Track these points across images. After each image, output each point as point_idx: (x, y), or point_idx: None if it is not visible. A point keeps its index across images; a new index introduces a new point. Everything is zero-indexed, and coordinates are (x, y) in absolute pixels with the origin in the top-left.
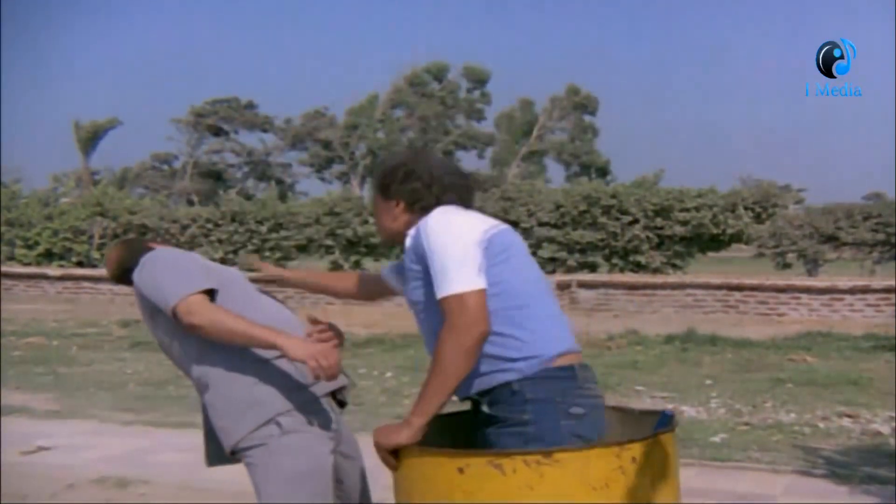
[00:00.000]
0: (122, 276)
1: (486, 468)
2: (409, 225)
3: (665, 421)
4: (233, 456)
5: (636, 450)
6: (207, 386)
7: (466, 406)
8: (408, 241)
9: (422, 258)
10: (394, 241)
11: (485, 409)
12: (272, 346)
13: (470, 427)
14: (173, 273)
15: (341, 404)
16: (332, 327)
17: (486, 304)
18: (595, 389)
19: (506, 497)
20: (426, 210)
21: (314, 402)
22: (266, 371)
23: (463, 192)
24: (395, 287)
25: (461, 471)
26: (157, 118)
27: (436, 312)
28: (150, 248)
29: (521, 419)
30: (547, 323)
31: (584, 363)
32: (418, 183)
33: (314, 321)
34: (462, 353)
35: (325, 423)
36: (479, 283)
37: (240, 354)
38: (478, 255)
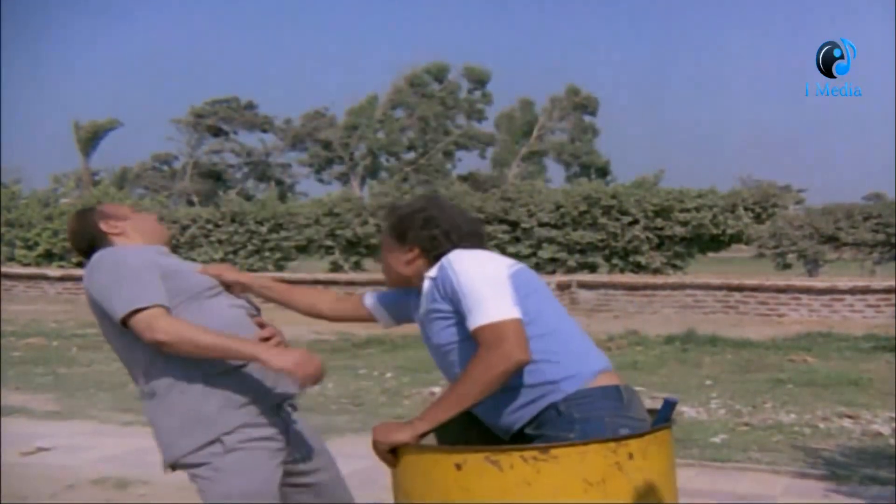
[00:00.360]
0: (79, 252)
1: (483, 464)
2: (419, 271)
3: (668, 408)
4: (173, 469)
5: (633, 445)
6: (153, 395)
7: None
8: (427, 284)
9: (449, 296)
10: (401, 285)
11: (529, 431)
12: (252, 359)
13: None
14: (125, 281)
15: (293, 407)
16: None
17: (525, 334)
18: (642, 413)
19: (503, 493)
20: (440, 257)
21: (264, 415)
22: (218, 384)
23: (478, 240)
24: (382, 321)
25: (458, 467)
26: (156, 119)
27: (470, 349)
28: (103, 234)
29: (567, 437)
30: (580, 343)
31: (629, 386)
32: (437, 230)
33: (260, 324)
34: (495, 375)
35: (273, 436)
36: (515, 312)
37: (191, 366)
38: (509, 287)
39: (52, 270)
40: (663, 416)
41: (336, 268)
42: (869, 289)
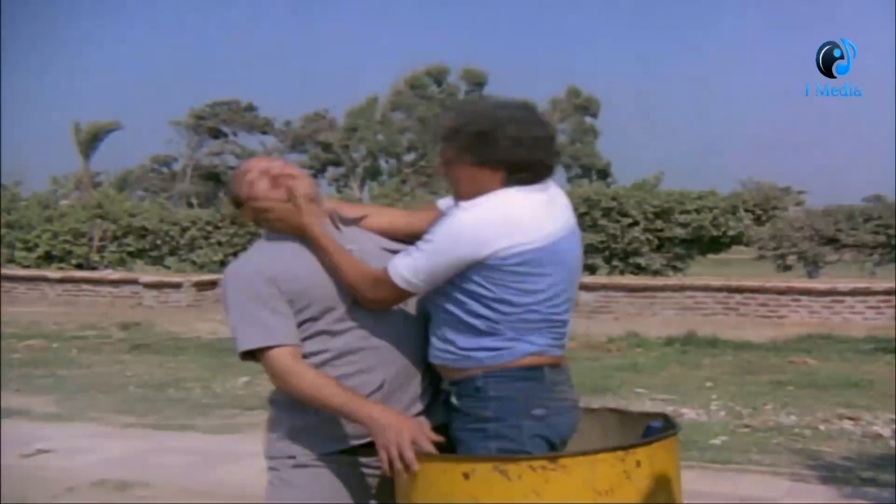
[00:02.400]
0: None
1: (491, 474)
2: None
3: (650, 431)
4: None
5: (641, 454)
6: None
7: None
8: None
9: None
10: None
11: (454, 400)
12: (358, 422)
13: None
14: (243, 318)
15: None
16: None
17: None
18: (564, 392)
19: (512, 502)
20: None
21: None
22: (309, 418)
23: (545, 170)
24: None
25: (466, 476)
26: (156, 120)
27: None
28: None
29: (482, 416)
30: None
31: (558, 366)
32: (526, 153)
33: None
34: (364, 281)
35: (361, 462)
36: (413, 279)
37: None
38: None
39: (52, 272)
40: (646, 436)
41: None
42: (869, 290)
